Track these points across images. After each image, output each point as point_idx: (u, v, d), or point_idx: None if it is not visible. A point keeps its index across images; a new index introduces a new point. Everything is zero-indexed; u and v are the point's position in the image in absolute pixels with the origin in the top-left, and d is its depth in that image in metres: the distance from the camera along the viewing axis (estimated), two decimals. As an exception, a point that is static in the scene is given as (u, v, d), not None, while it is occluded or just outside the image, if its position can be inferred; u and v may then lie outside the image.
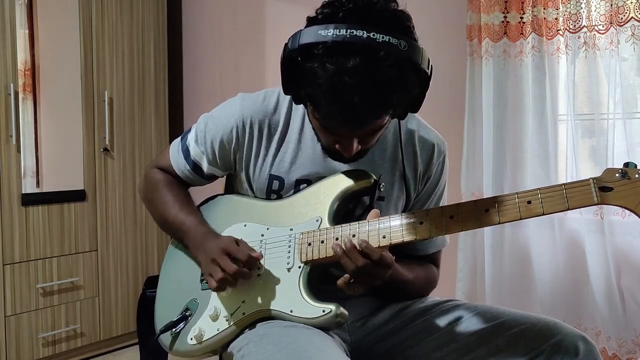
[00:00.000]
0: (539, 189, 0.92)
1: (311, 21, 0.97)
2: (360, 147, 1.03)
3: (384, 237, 1.00)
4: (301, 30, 0.95)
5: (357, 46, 0.89)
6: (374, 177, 1.09)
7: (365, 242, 0.98)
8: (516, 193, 0.94)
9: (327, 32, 0.91)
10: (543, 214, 0.91)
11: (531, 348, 1.00)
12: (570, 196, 0.90)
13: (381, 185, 1.09)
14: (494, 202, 0.94)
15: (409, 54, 0.92)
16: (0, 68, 2.18)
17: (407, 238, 0.99)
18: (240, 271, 1.04)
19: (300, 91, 0.99)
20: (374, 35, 0.89)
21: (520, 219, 0.93)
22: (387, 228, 1.01)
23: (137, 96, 2.64)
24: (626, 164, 0.90)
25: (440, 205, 1.20)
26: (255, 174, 1.16)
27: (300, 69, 0.95)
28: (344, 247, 0.98)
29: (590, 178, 0.90)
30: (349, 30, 0.90)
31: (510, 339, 1.02)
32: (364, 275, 0.98)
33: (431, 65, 0.97)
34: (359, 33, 0.89)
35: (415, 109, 1.01)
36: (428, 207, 1.19)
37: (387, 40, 0.90)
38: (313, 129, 1.11)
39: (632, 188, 0.88)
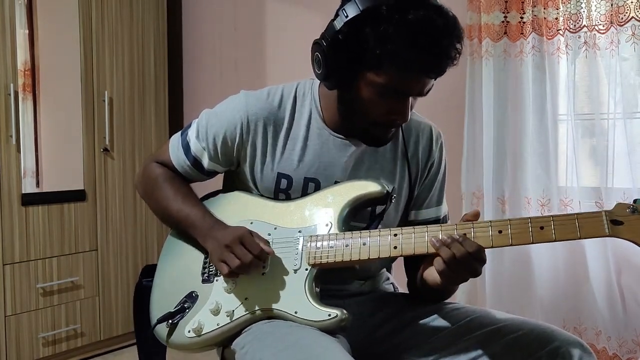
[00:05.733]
0: (552, 216, 0.95)
1: None
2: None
3: (395, 248, 1.01)
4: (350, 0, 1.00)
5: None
6: (387, 187, 1.08)
7: (464, 236, 0.97)
8: (529, 218, 0.96)
9: None
10: (555, 240, 0.95)
11: (527, 354, 1.00)
12: (582, 225, 0.93)
13: (393, 197, 1.09)
14: (507, 225, 0.96)
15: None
16: (0, 68, 2.18)
17: (418, 250, 1.00)
18: (255, 262, 1.04)
19: (354, 64, 1.01)
20: None
21: (532, 242, 0.95)
22: (399, 239, 1.02)
23: (137, 96, 2.64)
24: (635, 200, 0.94)
25: (444, 192, 1.23)
26: (262, 172, 1.15)
27: (363, 35, 0.99)
28: (442, 240, 0.97)
29: (603, 210, 0.94)
30: None
31: (507, 345, 1.02)
32: (460, 267, 0.96)
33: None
34: None
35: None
36: (432, 195, 1.22)
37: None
38: (352, 109, 1.09)
39: None
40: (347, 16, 0.99)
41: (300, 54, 1.09)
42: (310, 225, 1.09)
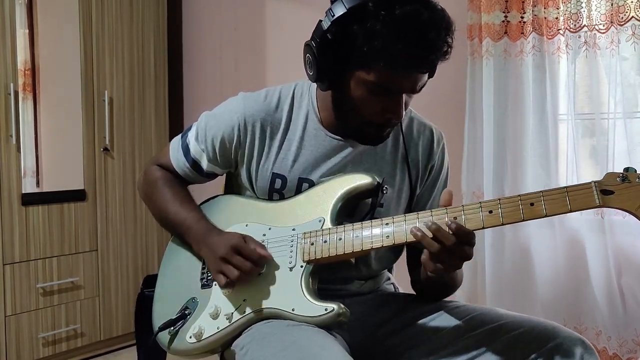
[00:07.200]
0: (541, 191, 0.93)
1: None
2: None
3: (387, 237, 1.01)
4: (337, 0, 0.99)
5: None
6: (377, 179, 1.08)
7: (454, 222, 0.93)
8: (519, 195, 0.94)
9: None
10: (546, 216, 0.92)
11: (529, 352, 0.99)
12: (573, 198, 0.91)
13: (384, 188, 1.09)
14: (497, 204, 0.95)
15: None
16: (0, 68, 2.18)
17: (411, 238, 0.99)
18: (254, 270, 1.04)
19: (344, 64, 1.01)
20: None
21: (523, 220, 0.93)
22: (390, 227, 1.01)
23: (137, 96, 2.64)
24: (626, 169, 0.91)
25: None
26: (258, 172, 1.16)
27: (351, 34, 0.98)
28: (428, 229, 0.93)
29: (592, 181, 0.91)
30: None
31: (508, 342, 1.02)
32: (449, 256, 0.93)
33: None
34: None
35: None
36: (435, 197, 1.21)
37: None
38: (345, 109, 1.08)
39: (633, 191, 0.89)
40: (333, 15, 0.99)
41: (300, 54, 1.09)
42: (304, 222, 1.09)
